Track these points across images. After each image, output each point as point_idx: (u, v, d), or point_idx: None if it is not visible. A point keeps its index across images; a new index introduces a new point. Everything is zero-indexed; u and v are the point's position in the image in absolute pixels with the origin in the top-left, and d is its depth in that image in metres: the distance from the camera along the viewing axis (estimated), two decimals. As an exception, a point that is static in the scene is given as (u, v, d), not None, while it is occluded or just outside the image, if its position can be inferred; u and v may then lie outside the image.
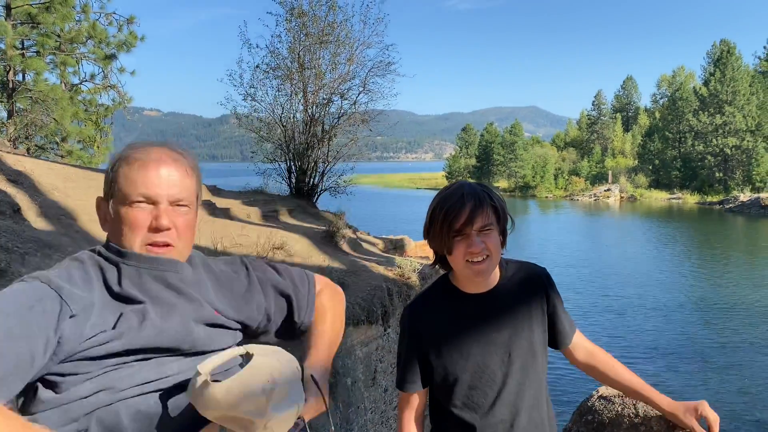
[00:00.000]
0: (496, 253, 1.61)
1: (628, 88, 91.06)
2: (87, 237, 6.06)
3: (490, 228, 1.58)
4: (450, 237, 1.58)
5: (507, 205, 1.69)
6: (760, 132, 59.79)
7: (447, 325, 1.69)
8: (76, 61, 17.94)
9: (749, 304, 17.99)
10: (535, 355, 1.70)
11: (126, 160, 1.29)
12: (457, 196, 1.59)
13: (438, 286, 1.77)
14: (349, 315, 6.07)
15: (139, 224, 1.27)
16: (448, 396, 1.70)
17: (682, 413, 1.73)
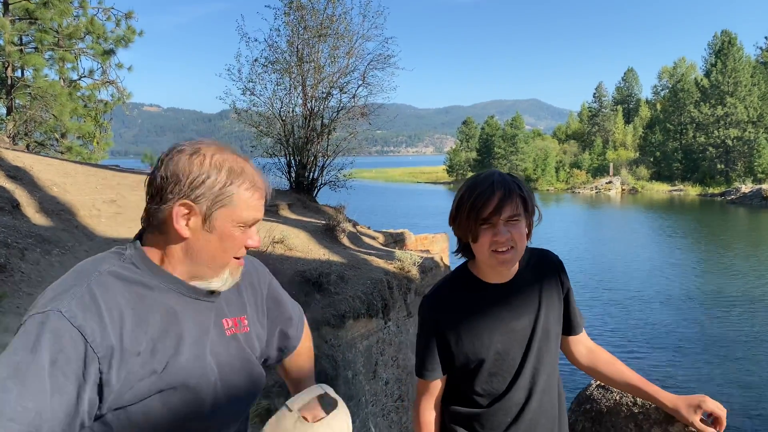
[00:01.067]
0: (521, 244, 1.61)
1: (629, 80, 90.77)
2: (86, 232, 6.06)
3: (518, 218, 1.58)
4: (477, 225, 1.58)
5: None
6: (761, 123, 59.63)
7: (468, 316, 1.69)
8: (75, 57, 17.91)
9: (752, 296, 17.97)
10: (550, 340, 1.72)
11: (248, 182, 1.26)
12: (487, 184, 1.59)
13: (458, 276, 1.77)
14: (349, 308, 6.07)
15: (242, 245, 1.28)
16: (468, 382, 1.72)
17: (685, 409, 1.73)
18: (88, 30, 17.54)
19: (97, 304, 1.12)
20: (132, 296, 1.17)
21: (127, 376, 1.13)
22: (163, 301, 1.22)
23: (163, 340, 1.19)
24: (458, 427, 1.75)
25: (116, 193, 7.60)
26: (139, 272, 1.21)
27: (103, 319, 1.11)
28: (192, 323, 1.25)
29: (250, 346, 1.40)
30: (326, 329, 5.71)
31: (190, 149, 1.23)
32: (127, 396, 1.13)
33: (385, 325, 6.69)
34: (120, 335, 1.12)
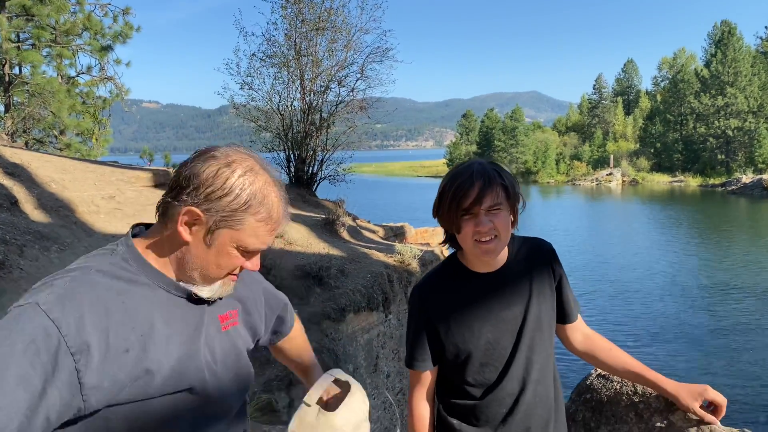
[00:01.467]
0: (504, 233, 1.59)
1: (628, 71, 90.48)
2: (85, 228, 6.05)
3: (499, 208, 1.57)
4: (458, 216, 1.57)
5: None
6: (762, 113, 59.47)
7: (457, 305, 1.68)
8: (73, 53, 17.87)
9: (754, 287, 17.97)
10: (542, 329, 1.70)
11: (263, 213, 1.22)
12: (467, 175, 1.57)
13: (447, 266, 1.76)
14: (349, 302, 6.06)
15: (237, 267, 1.27)
16: (460, 373, 1.70)
17: (685, 397, 1.71)
18: (86, 26, 17.49)
19: (79, 298, 1.09)
20: (121, 293, 1.15)
21: (118, 374, 1.10)
22: (154, 298, 1.20)
23: (153, 337, 1.17)
24: (454, 419, 1.73)
25: (115, 189, 7.59)
26: (130, 269, 1.19)
27: (82, 315, 1.08)
28: (184, 321, 1.24)
29: (242, 338, 1.41)
30: (327, 323, 5.71)
31: (223, 160, 1.20)
32: (123, 394, 1.12)
33: (386, 319, 6.68)
34: (104, 331, 1.10)
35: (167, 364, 1.18)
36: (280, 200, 1.25)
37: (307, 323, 5.41)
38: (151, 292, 1.20)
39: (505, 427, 1.67)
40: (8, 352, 1.00)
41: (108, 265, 1.18)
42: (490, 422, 1.68)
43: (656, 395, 1.81)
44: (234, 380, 1.34)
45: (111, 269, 1.17)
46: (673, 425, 1.76)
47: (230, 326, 1.36)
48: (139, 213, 7.00)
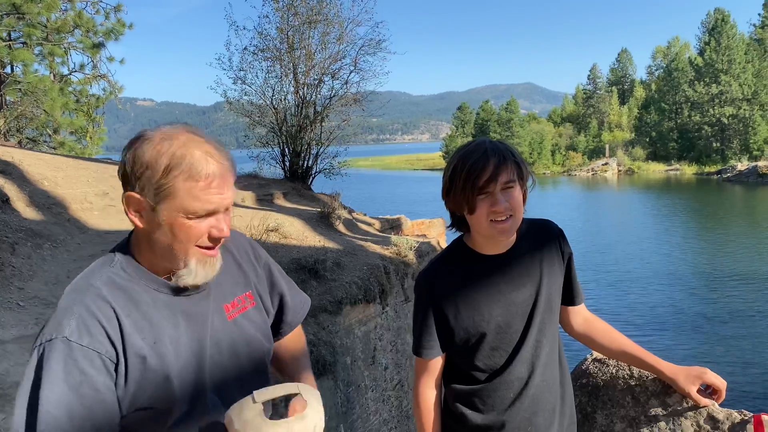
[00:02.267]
0: (519, 211, 1.57)
1: (623, 60, 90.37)
2: (78, 225, 6.01)
3: (513, 185, 1.54)
4: (473, 195, 1.53)
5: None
6: (756, 100, 59.51)
7: (466, 289, 1.64)
8: (65, 51, 17.74)
9: (751, 273, 18.02)
10: (552, 312, 1.68)
11: (185, 172, 1.17)
12: (480, 152, 1.54)
13: (453, 250, 1.72)
14: (346, 294, 6.04)
15: (200, 236, 1.22)
16: (468, 358, 1.67)
17: (683, 379, 1.69)
18: (77, 23, 17.36)
19: (97, 317, 1.15)
20: (126, 302, 1.19)
21: (137, 379, 1.16)
22: (157, 303, 1.22)
23: (164, 342, 1.20)
24: (460, 406, 1.69)
25: (109, 186, 7.53)
26: (128, 277, 1.22)
27: (106, 330, 1.14)
28: (189, 319, 1.26)
29: (254, 322, 1.40)
30: (324, 316, 5.69)
31: (143, 137, 1.19)
32: (142, 400, 1.17)
33: (383, 311, 6.67)
34: (122, 341, 1.16)
35: (179, 365, 1.22)
36: (206, 154, 1.19)
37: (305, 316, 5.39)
38: (152, 298, 1.22)
39: (513, 411, 1.64)
40: (68, 389, 1.09)
41: (108, 277, 1.21)
42: (497, 407, 1.65)
43: (653, 378, 1.79)
44: (249, 367, 1.35)
45: (114, 280, 1.21)
46: (670, 408, 1.74)
47: (238, 313, 1.36)
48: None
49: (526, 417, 1.64)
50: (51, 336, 1.12)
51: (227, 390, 1.30)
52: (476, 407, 1.67)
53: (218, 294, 1.32)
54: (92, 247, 5.51)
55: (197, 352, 1.25)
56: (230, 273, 1.37)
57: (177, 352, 1.22)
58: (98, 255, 5.16)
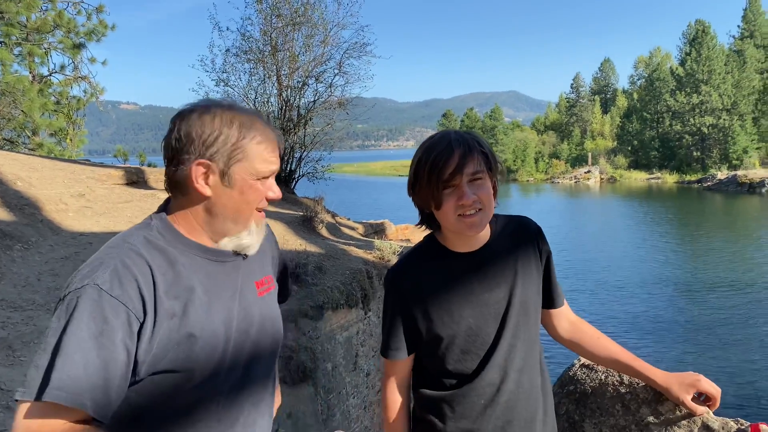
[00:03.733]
0: (489, 204, 1.46)
1: (605, 70, 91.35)
2: (51, 226, 5.84)
3: (481, 176, 1.44)
4: (439, 189, 1.43)
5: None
6: (735, 110, 60.39)
7: (436, 287, 1.54)
8: (45, 52, 17.46)
9: (731, 280, 18.18)
10: (528, 314, 1.56)
11: (258, 135, 1.28)
12: (444, 143, 1.44)
13: (424, 246, 1.61)
14: (327, 299, 5.92)
15: (263, 197, 1.31)
16: (438, 362, 1.56)
17: (677, 387, 1.61)
18: (57, 23, 17.09)
19: (132, 271, 1.16)
20: (162, 262, 1.21)
21: (162, 339, 1.17)
22: (191, 266, 1.25)
23: (194, 303, 1.22)
24: (428, 413, 1.59)
25: (85, 187, 7.36)
26: (165, 240, 1.25)
27: (139, 286, 1.15)
28: (220, 287, 1.28)
29: (277, 304, 1.48)
30: (304, 321, 5.56)
31: (199, 109, 1.25)
32: (164, 362, 1.17)
33: (365, 316, 6.56)
34: (154, 299, 1.17)
35: (208, 329, 1.23)
36: (265, 123, 1.31)
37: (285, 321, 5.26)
38: (188, 260, 1.25)
39: (484, 419, 1.52)
40: (83, 336, 1.09)
41: (145, 238, 1.24)
42: (467, 415, 1.53)
43: (644, 385, 1.71)
44: (270, 345, 1.39)
45: (150, 241, 1.24)
46: (662, 417, 1.66)
47: (266, 292, 1.40)
48: (110, 211, 6.79)
49: (498, 426, 1.52)
50: (83, 283, 1.13)
51: (249, 364, 1.33)
52: (444, 414, 1.56)
53: (249, 269, 1.37)
54: (65, 249, 5.35)
55: (226, 320, 1.27)
56: (259, 252, 1.41)
57: (207, 316, 1.24)
58: (72, 257, 4.98)
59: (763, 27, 69.57)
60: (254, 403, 1.36)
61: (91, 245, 5.52)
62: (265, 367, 1.38)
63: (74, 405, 1.07)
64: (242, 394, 1.32)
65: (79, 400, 1.07)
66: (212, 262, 1.29)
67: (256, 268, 1.40)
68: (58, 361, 1.07)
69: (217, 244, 1.30)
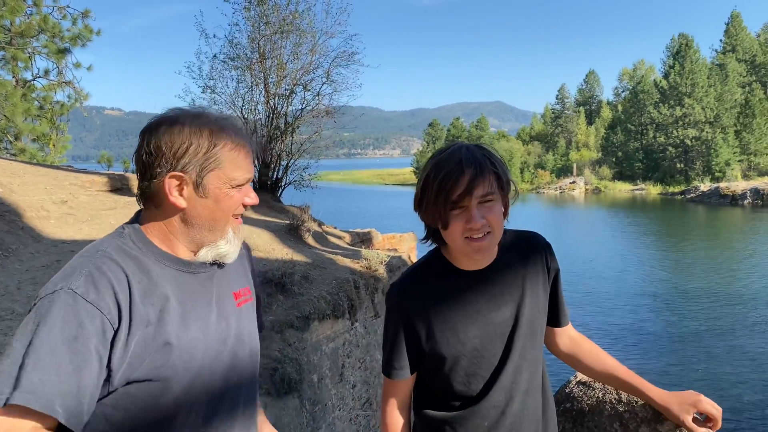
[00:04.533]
0: (498, 228, 1.41)
1: (590, 82, 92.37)
2: (32, 234, 5.71)
3: (492, 198, 1.38)
4: (446, 210, 1.37)
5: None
6: (718, 123, 61.30)
7: (441, 305, 1.48)
8: (29, 56, 17.26)
9: (713, 291, 18.32)
10: (535, 335, 1.52)
11: (230, 143, 1.25)
12: (455, 162, 1.37)
13: (430, 262, 1.55)
14: (313, 309, 5.84)
15: (238, 205, 1.29)
16: (443, 382, 1.50)
17: (677, 407, 1.56)
18: (42, 28, 16.90)
19: (107, 277, 1.14)
20: (136, 269, 1.19)
21: (138, 347, 1.14)
22: (163, 276, 1.23)
23: (169, 312, 1.19)
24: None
25: (68, 194, 7.23)
26: (138, 249, 1.23)
27: (115, 292, 1.13)
28: (194, 298, 1.26)
29: (257, 315, 1.46)
30: (290, 332, 5.48)
31: (167, 121, 1.23)
32: (139, 371, 1.14)
33: (352, 327, 6.48)
34: (129, 306, 1.14)
35: (184, 338, 1.20)
36: (235, 126, 1.29)
37: (269, 332, 5.18)
38: (161, 270, 1.23)
39: None
40: (56, 341, 1.05)
41: (119, 246, 1.22)
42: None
43: (643, 404, 1.67)
44: (248, 357, 1.36)
45: (123, 249, 1.22)
46: (661, 437, 1.61)
47: (243, 303, 1.38)
48: (93, 218, 6.67)
49: None
50: (56, 288, 1.11)
51: (229, 375, 1.30)
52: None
53: (225, 280, 1.35)
54: (47, 257, 5.23)
55: (202, 329, 1.25)
56: (234, 264, 1.39)
57: (182, 325, 1.21)
58: (53, 265, 4.87)
59: (744, 42, 70.90)
60: (235, 415, 1.32)
61: (72, 253, 5.40)
62: (245, 378, 1.35)
63: (45, 410, 1.03)
64: (223, 406, 1.29)
65: (50, 405, 1.03)
66: (185, 273, 1.27)
67: (233, 278, 1.38)
68: (29, 364, 1.03)
69: (195, 255, 1.28)
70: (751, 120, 60.06)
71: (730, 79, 63.78)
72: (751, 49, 71.19)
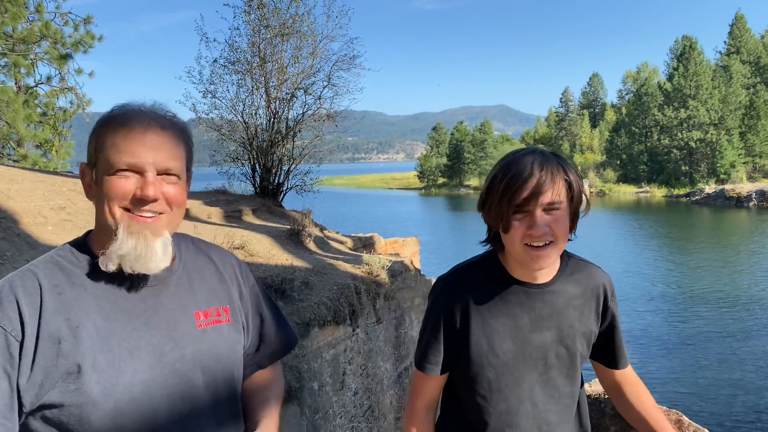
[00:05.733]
0: (562, 238, 1.34)
1: (594, 84, 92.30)
2: (29, 240, 5.64)
3: (559, 207, 1.31)
4: (509, 212, 1.32)
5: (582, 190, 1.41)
6: (722, 125, 61.11)
7: (482, 309, 1.41)
8: (31, 63, 17.31)
9: (719, 294, 18.18)
10: (575, 370, 1.44)
11: (110, 124, 1.15)
12: (525, 164, 1.31)
13: (482, 262, 1.49)
14: (314, 315, 5.76)
15: (123, 194, 1.13)
16: (467, 390, 1.44)
17: None
18: (44, 34, 16.95)
19: (14, 291, 1.07)
20: (60, 281, 1.11)
21: (46, 365, 1.05)
22: (95, 290, 1.13)
23: (87, 330, 1.09)
24: None
25: (66, 200, 7.16)
26: (74, 260, 1.15)
27: (18, 304, 1.06)
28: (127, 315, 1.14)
29: (235, 340, 1.28)
30: (290, 338, 5.39)
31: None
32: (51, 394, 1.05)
33: (353, 333, 6.39)
34: (38, 318, 1.07)
35: (102, 361, 1.08)
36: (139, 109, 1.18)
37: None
38: (93, 283, 1.13)
39: None
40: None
41: (50, 256, 1.15)
42: None
43: None
44: (212, 385, 1.21)
45: (54, 259, 1.15)
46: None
47: (210, 324, 1.24)
48: (91, 224, 6.58)
49: None
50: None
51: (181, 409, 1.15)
52: None
53: (183, 297, 1.22)
54: (42, 264, 5.17)
55: (132, 352, 1.12)
56: (209, 281, 1.29)
57: (104, 346, 1.09)
58: (47, 272, 4.79)
59: (748, 43, 70.68)
60: None
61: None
62: (203, 409, 1.19)
63: None
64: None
65: None
66: (120, 288, 1.15)
67: (200, 296, 1.25)
68: None
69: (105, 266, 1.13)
70: (756, 122, 59.87)
71: (735, 81, 63.61)
72: (756, 50, 71.03)
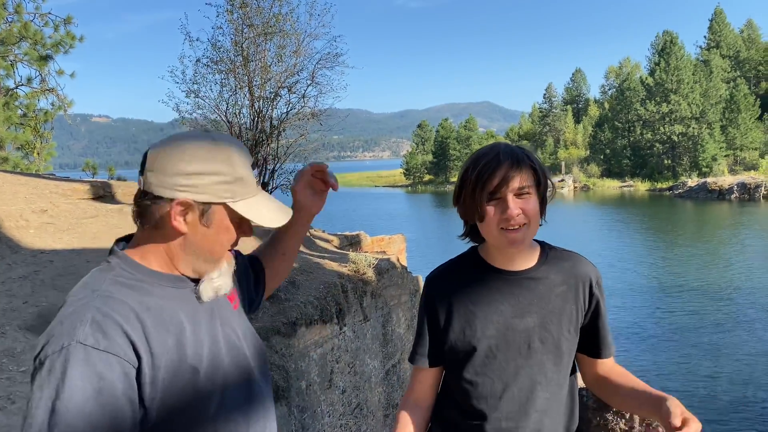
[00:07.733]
0: (534, 220, 1.42)
1: (577, 80, 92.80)
2: (10, 244, 5.58)
3: (529, 192, 1.39)
4: (482, 200, 1.40)
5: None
6: (704, 119, 61.76)
7: (464, 298, 1.50)
8: (11, 65, 17.07)
9: (701, 285, 18.41)
10: (561, 356, 1.47)
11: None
12: (493, 154, 1.41)
13: (466, 258, 1.58)
14: (301, 315, 5.76)
15: (236, 238, 1.26)
16: (455, 377, 1.51)
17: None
18: (23, 35, 16.72)
19: (113, 318, 1.08)
20: (141, 299, 1.15)
21: (167, 376, 1.11)
22: (167, 297, 1.19)
23: (185, 334, 1.17)
24: None
25: (48, 203, 7.09)
26: (134, 276, 1.18)
27: (125, 331, 1.08)
28: (200, 311, 1.23)
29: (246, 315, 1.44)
30: (276, 338, 5.39)
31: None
32: (172, 400, 1.12)
33: (341, 331, 6.40)
34: (145, 339, 1.10)
35: (205, 357, 1.18)
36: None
37: (256, 339, 5.08)
38: (163, 292, 1.19)
39: None
40: (85, 399, 1.00)
41: (113, 279, 1.16)
42: None
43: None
44: (258, 356, 1.36)
45: (121, 280, 1.16)
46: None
47: (238, 305, 1.38)
48: (74, 227, 6.54)
49: None
50: (62, 343, 1.03)
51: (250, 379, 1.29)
52: None
53: None
54: (24, 268, 5.11)
55: (213, 341, 1.23)
56: None
57: (199, 344, 1.19)
58: (30, 276, 4.74)
59: (728, 38, 71.50)
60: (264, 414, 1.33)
61: (52, 263, 5.29)
62: (263, 375, 1.35)
63: None
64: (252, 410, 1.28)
65: None
66: (183, 290, 1.23)
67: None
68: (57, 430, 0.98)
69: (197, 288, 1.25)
70: (736, 115, 60.57)
71: (715, 75, 64.31)
72: (735, 45, 71.85)
